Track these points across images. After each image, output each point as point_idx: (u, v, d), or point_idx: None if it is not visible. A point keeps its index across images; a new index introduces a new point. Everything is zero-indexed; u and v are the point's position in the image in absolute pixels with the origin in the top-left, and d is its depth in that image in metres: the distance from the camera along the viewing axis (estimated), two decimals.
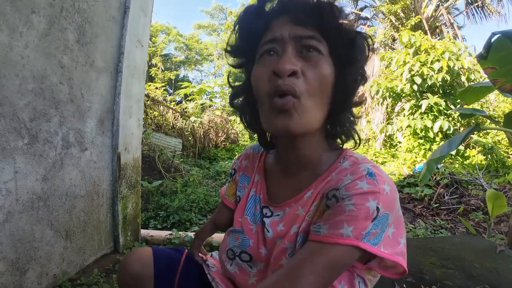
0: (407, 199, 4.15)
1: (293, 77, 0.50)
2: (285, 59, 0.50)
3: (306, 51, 0.52)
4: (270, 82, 0.51)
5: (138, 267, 0.73)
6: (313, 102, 0.51)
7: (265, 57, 0.54)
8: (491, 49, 1.49)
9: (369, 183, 0.49)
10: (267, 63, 0.53)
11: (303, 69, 0.51)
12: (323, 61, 0.52)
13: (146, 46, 2.19)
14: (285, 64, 0.49)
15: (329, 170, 0.58)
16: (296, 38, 0.52)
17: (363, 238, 0.47)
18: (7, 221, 1.22)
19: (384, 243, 0.49)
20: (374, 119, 8.90)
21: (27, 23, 1.25)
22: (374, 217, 0.48)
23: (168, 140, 6.35)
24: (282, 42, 0.52)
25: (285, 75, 0.49)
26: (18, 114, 1.24)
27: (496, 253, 1.64)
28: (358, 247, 0.47)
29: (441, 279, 1.35)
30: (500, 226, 3.06)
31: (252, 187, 0.70)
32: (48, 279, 1.43)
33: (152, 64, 17.60)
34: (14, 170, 1.24)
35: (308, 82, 0.51)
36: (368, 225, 0.47)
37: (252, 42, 0.57)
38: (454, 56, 6.45)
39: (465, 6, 10.50)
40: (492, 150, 5.88)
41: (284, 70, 0.49)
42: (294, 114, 0.50)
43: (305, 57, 0.52)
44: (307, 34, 0.51)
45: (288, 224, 0.59)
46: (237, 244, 0.66)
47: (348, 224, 0.48)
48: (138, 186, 2.14)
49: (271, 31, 0.54)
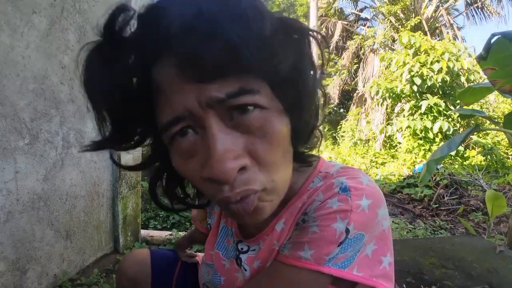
0: (407, 200, 4.16)
1: (242, 174, 0.34)
2: (216, 152, 0.31)
3: (239, 113, 0.32)
4: (210, 188, 0.35)
5: (135, 269, 0.73)
6: (278, 174, 0.37)
7: (178, 141, 0.35)
8: (491, 50, 1.50)
9: (340, 200, 0.40)
10: (188, 152, 0.35)
11: (249, 148, 0.33)
12: (271, 118, 0.34)
13: None
14: (223, 164, 0.31)
15: (299, 194, 0.47)
16: (215, 104, 0.31)
17: (327, 262, 0.39)
18: (7, 221, 1.22)
19: (359, 264, 0.41)
20: (373, 119, 8.91)
21: (28, 23, 1.25)
22: (341, 240, 0.39)
23: None
24: (195, 117, 0.32)
25: (231, 181, 0.33)
26: (19, 114, 1.24)
27: (496, 253, 1.64)
28: (319, 272, 0.40)
29: (440, 279, 1.35)
30: (499, 227, 3.06)
31: (222, 217, 0.60)
32: (48, 279, 1.43)
33: None
34: (14, 170, 1.24)
35: (264, 162, 0.35)
36: (332, 250, 0.39)
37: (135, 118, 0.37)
38: (454, 57, 6.47)
39: (465, 7, 10.52)
40: (491, 151, 5.89)
41: (227, 176, 0.32)
42: (263, 209, 0.38)
43: (241, 124, 0.33)
44: (231, 92, 0.31)
45: (265, 261, 0.50)
46: (209, 280, 0.59)
47: (308, 246, 0.40)
48: (138, 186, 2.14)
49: (164, 99, 0.33)
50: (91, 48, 0.33)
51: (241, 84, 0.31)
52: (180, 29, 0.28)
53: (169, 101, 0.33)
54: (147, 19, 0.31)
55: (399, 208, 3.87)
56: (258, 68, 0.31)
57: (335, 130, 11.17)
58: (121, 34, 0.32)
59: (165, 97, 0.33)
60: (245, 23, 0.29)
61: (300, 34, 0.37)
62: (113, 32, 0.32)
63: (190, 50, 0.29)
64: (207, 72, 0.30)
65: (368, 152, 7.82)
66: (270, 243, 0.49)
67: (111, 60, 0.32)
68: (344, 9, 12.91)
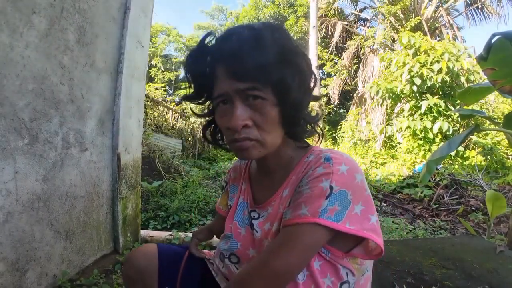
0: (407, 200, 4.16)
1: (245, 129, 0.58)
2: (234, 115, 0.57)
3: (253, 98, 0.58)
4: (228, 133, 0.61)
5: (143, 261, 0.77)
6: (267, 136, 0.60)
7: (220, 106, 0.61)
8: (491, 50, 1.50)
9: (324, 167, 0.57)
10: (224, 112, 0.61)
11: (253, 117, 0.58)
12: (267, 106, 0.58)
13: (147, 47, 2.19)
14: (236, 121, 0.57)
15: (297, 166, 0.65)
16: (240, 92, 0.58)
17: (320, 215, 0.52)
18: (7, 222, 1.22)
19: (350, 220, 0.53)
20: (373, 120, 8.91)
21: (28, 23, 1.25)
22: (327, 194, 0.53)
23: (168, 140, 6.36)
24: (229, 96, 0.59)
25: (238, 130, 0.58)
26: (18, 114, 1.24)
27: (496, 253, 1.64)
28: (317, 224, 0.52)
29: (441, 280, 1.35)
30: (499, 227, 3.06)
31: (241, 195, 0.77)
32: (48, 280, 1.43)
33: (152, 64, 17.61)
34: (14, 170, 1.23)
35: (260, 127, 0.59)
36: (322, 202, 0.53)
37: (206, 87, 0.64)
38: (454, 57, 6.47)
39: (464, 7, 10.53)
40: (491, 151, 5.90)
41: (237, 127, 0.57)
42: (252, 150, 0.60)
43: (251, 106, 0.58)
44: (247, 87, 0.57)
45: (272, 223, 0.64)
46: (227, 248, 0.72)
47: (305, 204, 0.55)
48: (138, 187, 2.14)
49: (217, 84, 0.60)
50: (193, 48, 0.63)
51: (254, 85, 0.57)
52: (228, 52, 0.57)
53: (218, 85, 0.60)
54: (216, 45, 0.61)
55: (399, 209, 3.87)
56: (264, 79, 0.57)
57: (335, 130, 11.17)
58: (207, 45, 0.62)
59: (218, 84, 0.60)
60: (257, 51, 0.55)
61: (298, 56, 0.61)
62: (203, 44, 0.62)
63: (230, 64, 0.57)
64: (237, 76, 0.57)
65: (368, 153, 7.82)
66: (277, 207, 0.64)
67: (200, 56, 0.62)
68: (344, 10, 12.92)
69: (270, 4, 15.91)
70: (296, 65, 0.60)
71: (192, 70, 0.64)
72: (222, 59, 0.59)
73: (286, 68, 0.58)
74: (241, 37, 0.57)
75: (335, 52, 12.38)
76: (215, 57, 0.60)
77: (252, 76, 0.56)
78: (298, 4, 14.50)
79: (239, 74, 0.56)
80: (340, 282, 0.59)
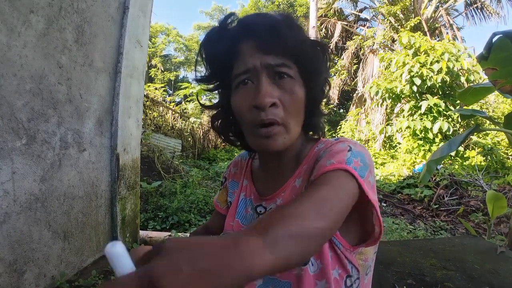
0: (407, 200, 4.15)
1: (273, 108, 0.54)
2: (262, 91, 0.53)
3: (279, 78, 0.55)
4: (252, 114, 0.55)
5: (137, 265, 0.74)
6: (293, 122, 0.57)
7: (240, 87, 0.57)
8: (492, 49, 1.49)
9: (337, 141, 0.58)
10: (245, 93, 0.56)
11: (280, 97, 0.55)
12: (295, 85, 0.56)
13: (146, 47, 2.18)
14: (264, 97, 0.53)
15: (308, 156, 0.63)
16: (268, 67, 0.54)
17: (347, 163, 0.50)
18: (4, 222, 1.21)
19: (367, 185, 0.51)
20: (373, 120, 8.91)
21: (26, 23, 1.24)
22: (348, 150, 0.53)
23: (168, 141, 6.34)
24: (256, 72, 0.55)
25: (266, 108, 0.53)
26: (16, 114, 1.23)
27: (497, 254, 1.63)
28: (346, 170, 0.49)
29: (441, 281, 1.34)
30: (500, 227, 3.05)
31: (242, 191, 0.73)
32: (46, 281, 1.42)
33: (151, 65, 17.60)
34: (11, 171, 1.22)
35: (286, 108, 0.55)
36: (346, 154, 0.52)
37: (223, 68, 0.60)
38: (454, 57, 6.46)
39: (464, 7, 10.53)
40: (491, 151, 5.89)
41: (265, 104, 0.53)
42: (278, 138, 0.56)
43: (278, 84, 0.55)
44: (277, 63, 0.54)
45: None
46: None
47: (328, 159, 0.52)
48: (137, 187, 2.13)
49: (242, 59, 0.56)
50: (214, 28, 0.59)
51: (283, 61, 0.54)
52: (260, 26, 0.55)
53: (244, 60, 0.56)
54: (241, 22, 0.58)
55: (399, 209, 3.86)
56: (293, 55, 0.55)
57: (334, 131, 11.17)
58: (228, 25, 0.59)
59: (242, 59, 0.56)
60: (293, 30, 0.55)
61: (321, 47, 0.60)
62: (225, 23, 0.58)
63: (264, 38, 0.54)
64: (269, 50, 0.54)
65: None
66: (289, 197, 0.61)
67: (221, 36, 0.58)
68: (344, 10, 12.91)
69: (269, 4, 15.90)
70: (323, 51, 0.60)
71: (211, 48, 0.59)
72: (251, 33, 0.55)
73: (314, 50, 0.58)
74: (271, 15, 0.56)
75: (335, 52, 12.37)
76: (241, 33, 0.56)
77: (284, 51, 0.54)
78: (298, 4, 14.50)
79: (271, 47, 0.54)
80: (346, 275, 0.58)
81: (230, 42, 0.57)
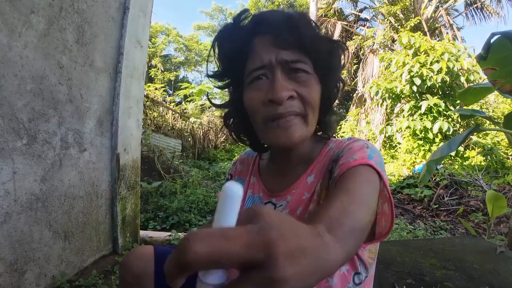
0: (407, 200, 4.15)
1: (290, 100, 0.54)
2: (278, 85, 0.53)
3: (294, 73, 0.55)
4: (267, 108, 0.55)
5: (139, 265, 0.74)
6: (311, 115, 0.57)
7: (255, 82, 0.57)
8: (491, 50, 1.49)
9: (351, 140, 0.59)
10: (260, 88, 0.56)
11: (297, 90, 0.55)
12: (311, 80, 0.56)
13: (146, 47, 2.18)
14: (281, 91, 0.52)
15: (320, 155, 0.63)
16: (283, 63, 0.54)
17: (369, 158, 0.52)
18: (5, 222, 1.21)
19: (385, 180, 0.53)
20: (373, 120, 8.90)
21: (26, 23, 1.24)
22: (366, 147, 0.55)
23: (168, 141, 6.35)
24: (271, 68, 0.55)
25: (284, 102, 0.53)
26: (16, 114, 1.23)
27: (496, 254, 1.63)
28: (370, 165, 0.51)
29: (441, 281, 1.34)
30: (500, 227, 3.05)
31: (249, 188, 0.72)
32: (47, 280, 1.42)
33: (151, 65, 17.59)
34: (12, 171, 1.23)
35: (304, 101, 0.55)
36: (365, 150, 0.54)
37: (236, 65, 0.59)
38: (454, 57, 6.46)
39: (464, 7, 10.52)
40: (491, 151, 5.89)
41: (282, 98, 0.52)
42: (296, 129, 0.55)
43: (294, 78, 0.55)
44: (293, 59, 0.54)
45: (293, 210, 0.61)
46: None
47: (350, 155, 0.53)
48: (137, 187, 2.13)
49: (257, 55, 0.56)
50: (227, 24, 0.60)
51: (299, 57, 0.55)
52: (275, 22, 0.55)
53: (260, 56, 0.55)
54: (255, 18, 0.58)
55: (399, 209, 3.87)
56: (309, 52, 0.55)
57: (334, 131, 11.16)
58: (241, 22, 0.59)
59: (257, 55, 0.56)
60: (309, 26, 0.56)
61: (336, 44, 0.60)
62: (239, 20, 0.59)
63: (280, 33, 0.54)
64: (285, 45, 0.54)
65: None
66: (300, 194, 0.61)
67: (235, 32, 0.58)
68: (344, 10, 12.89)
69: (269, 5, 15.90)
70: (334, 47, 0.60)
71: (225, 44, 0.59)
72: (267, 29, 0.55)
73: (330, 47, 0.58)
74: (287, 12, 0.56)
75: None
76: (256, 29, 0.57)
77: (300, 47, 0.54)
78: (298, 4, 14.50)
79: (287, 43, 0.53)
80: (354, 271, 0.57)
81: (245, 38, 0.57)
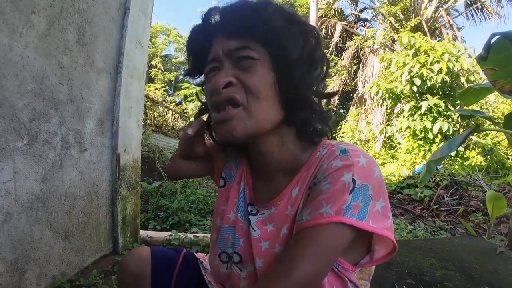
0: (407, 200, 4.15)
1: (228, 88, 0.52)
2: (219, 75, 0.52)
3: (240, 60, 0.53)
4: (212, 98, 0.54)
5: (136, 266, 0.75)
6: (257, 105, 0.52)
7: (209, 75, 0.57)
8: (491, 50, 1.49)
9: (342, 160, 0.50)
10: (209, 81, 0.56)
11: (239, 76, 0.52)
12: (257, 66, 0.52)
13: (146, 47, 2.18)
14: (218, 80, 0.52)
15: (307, 163, 0.57)
16: (229, 53, 0.53)
17: (345, 212, 0.47)
18: (6, 222, 1.21)
19: (373, 217, 0.48)
20: (373, 120, 8.91)
21: (27, 23, 1.25)
22: (351, 189, 0.47)
23: (168, 141, 6.35)
24: (220, 60, 0.54)
25: (220, 89, 0.52)
26: (17, 114, 1.24)
27: (496, 254, 1.64)
28: (342, 223, 0.46)
29: (441, 281, 1.34)
30: (500, 227, 3.05)
31: (241, 180, 0.68)
32: (47, 280, 1.42)
33: (152, 65, 17.61)
34: (13, 171, 1.23)
35: (247, 88, 0.52)
36: (346, 198, 0.47)
37: (201, 62, 0.59)
38: (454, 58, 6.47)
39: (464, 7, 10.53)
40: (491, 151, 5.89)
41: (217, 85, 0.52)
42: (236, 122, 0.52)
43: (240, 67, 0.53)
44: (238, 46, 0.52)
45: (278, 226, 0.58)
46: (230, 245, 0.65)
47: (326, 202, 0.48)
48: (137, 187, 2.13)
49: (212, 49, 0.56)
50: (197, 24, 0.59)
51: (245, 44, 0.52)
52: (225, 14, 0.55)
53: (213, 49, 0.56)
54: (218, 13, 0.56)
55: (399, 209, 3.87)
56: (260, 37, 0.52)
57: (334, 131, 11.18)
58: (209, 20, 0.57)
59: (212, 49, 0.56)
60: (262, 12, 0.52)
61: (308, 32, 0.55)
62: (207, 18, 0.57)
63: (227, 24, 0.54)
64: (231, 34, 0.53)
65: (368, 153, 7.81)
66: (284, 208, 0.57)
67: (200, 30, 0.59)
68: (344, 10, 12.91)
69: None
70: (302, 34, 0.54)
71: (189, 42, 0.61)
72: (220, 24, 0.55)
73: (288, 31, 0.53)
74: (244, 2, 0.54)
75: (335, 53, 12.37)
76: (217, 24, 0.56)
77: (244, 32, 0.52)
78: (298, 5, 14.50)
79: (232, 32, 0.53)
80: None
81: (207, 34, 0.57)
